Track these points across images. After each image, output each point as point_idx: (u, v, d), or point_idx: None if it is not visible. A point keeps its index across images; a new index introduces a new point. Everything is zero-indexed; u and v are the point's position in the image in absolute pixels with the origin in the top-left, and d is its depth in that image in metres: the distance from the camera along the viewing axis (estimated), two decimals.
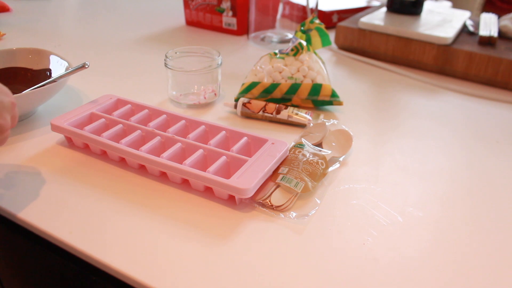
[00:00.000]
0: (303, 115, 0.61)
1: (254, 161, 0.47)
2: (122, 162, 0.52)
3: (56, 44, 0.90)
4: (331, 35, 0.76)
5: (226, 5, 0.96)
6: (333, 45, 0.94)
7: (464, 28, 0.90)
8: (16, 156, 0.52)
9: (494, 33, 0.82)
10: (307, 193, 0.47)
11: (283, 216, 0.44)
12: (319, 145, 0.55)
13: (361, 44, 0.89)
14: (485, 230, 0.44)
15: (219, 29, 1.01)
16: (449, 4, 1.34)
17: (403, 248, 0.41)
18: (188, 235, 0.41)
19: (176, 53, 0.67)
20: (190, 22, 1.05)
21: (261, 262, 0.39)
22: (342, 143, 0.56)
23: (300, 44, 0.66)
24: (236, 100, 0.64)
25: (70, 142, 0.55)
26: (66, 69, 0.63)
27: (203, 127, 0.55)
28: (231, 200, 0.46)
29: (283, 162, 0.50)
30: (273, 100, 0.65)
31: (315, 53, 0.67)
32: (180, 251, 0.40)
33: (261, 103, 0.63)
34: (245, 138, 0.52)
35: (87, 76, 0.74)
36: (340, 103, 0.65)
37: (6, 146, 0.54)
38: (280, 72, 0.65)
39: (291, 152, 0.51)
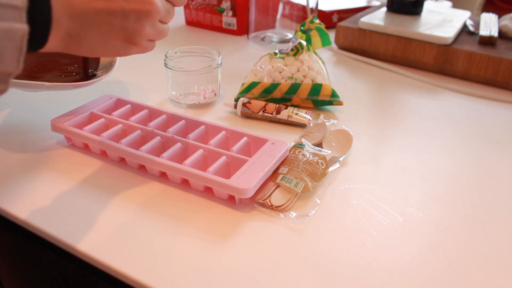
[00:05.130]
0: (303, 115, 0.61)
1: (254, 161, 0.47)
2: (122, 162, 0.52)
3: None
4: (331, 35, 0.76)
5: (226, 5, 0.96)
6: (333, 45, 0.94)
7: (464, 28, 0.90)
8: (16, 156, 0.52)
9: (495, 33, 0.82)
10: (307, 193, 0.47)
11: (283, 216, 0.44)
12: (319, 145, 0.55)
13: (361, 44, 0.88)
14: (486, 230, 0.44)
15: (219, 29, 1.01)
16: (449, 4, 1.34)
17: (403, 248, 0.41)
18: (188, 235, 0.41)
19: (176, 53, 0.67)
20: (190, 22, 1.05)
21: (261, 262, 0.39)
22: (342, 143, 0.56)
23: (300, 44, 0.66)
24: (236, 100, 0.64)
25: (70, 142, 0.55)
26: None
27: (203, 127, 0.55)
28: (231, 200, 0.46)
29: (283, 162, 0.50)
30: (273, 100, 0.65)
31: (315, 53, 0.67)
32: (180, 251, 0.39)
33: (261, 103, 0.63)
34: (245, 138, 0.52)
35: None
36: (340, 103, 0.65)
37: (5, 146, 0.54)
38: (280, 72, 0.65)
39: (291, 152, 0.51)
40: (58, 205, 0.45)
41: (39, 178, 0.49)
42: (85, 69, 0.60)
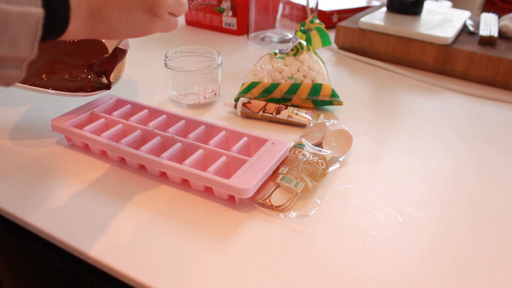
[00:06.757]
0: (303, 115, 0.61)
1: (254, 161, 0.47)
2: (122, 162, 0.52)
3: None
4: (331, 35, 0.76)
5: (226, 5, 0.96)
6: (333, 45, 0.94)
7: (464, 28, 0.90)
8: (16, 156, 0.52)
9: (494, 33, 0.82)
10: (307, 193, 0.47)
11: (283, 216, 0.44)
12: (319, 145, 0.55)
13: (361, 44, 0.88)
14: (486, 230, 0.44)
15: (219, 29, 1.01)
16: (449, 4, 1.34)
17: (403, 248, 0.41)
18: (188, 235, 0.41)
19: (176, 53, 0.67)
20: (190, 22, 1.05)
21: (261, 262, 0.39)
22: (342, 143, 0.56)
23: (300, 44, 0.66)
24: (236, 100, 0.64)
25: (70, 142, 0.55)
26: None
27: (203, 127, 0.55)
28: (231, 200, 0.46)
29: (283, 162, 0.50)
30: (273, 100, 0.65)
31: (315, 53, 0.67)
32: (180, 251, 0.39)
33: (261, 103, 0.63)
34: (245, 138, 0.52)
35: None
36: (340, 103, 0.65)
37: (5, 146, 0.54)
38: (280, 72, 0.65)
39: (291, 152, 0.51)
40: (58, 205, 0.45)
41: (38, 178, 0.49)
42: (107, 78, 0.59)
